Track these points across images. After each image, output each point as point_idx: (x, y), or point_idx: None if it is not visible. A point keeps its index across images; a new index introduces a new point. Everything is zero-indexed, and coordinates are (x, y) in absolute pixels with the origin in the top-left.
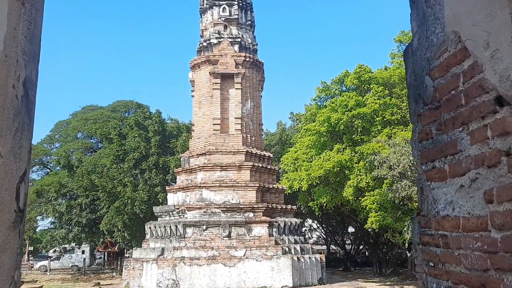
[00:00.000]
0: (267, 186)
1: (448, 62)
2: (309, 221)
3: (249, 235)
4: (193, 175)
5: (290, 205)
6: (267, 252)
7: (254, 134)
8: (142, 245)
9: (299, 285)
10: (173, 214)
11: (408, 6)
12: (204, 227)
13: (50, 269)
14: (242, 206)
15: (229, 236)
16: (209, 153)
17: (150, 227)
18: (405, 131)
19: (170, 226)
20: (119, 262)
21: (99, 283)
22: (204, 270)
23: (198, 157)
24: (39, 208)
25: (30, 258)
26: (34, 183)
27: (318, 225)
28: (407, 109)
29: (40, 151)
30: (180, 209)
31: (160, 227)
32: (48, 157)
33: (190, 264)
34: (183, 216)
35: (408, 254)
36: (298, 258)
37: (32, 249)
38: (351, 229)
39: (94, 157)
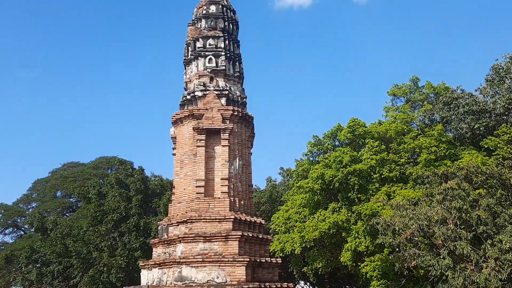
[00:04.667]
0: (258, 260)
1: None
2: (301, 283)
3: None
4: (171, 247)
5: (286, 283)
6: None
7: (243, 197)
8: None
9: None
10: None
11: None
12: None
13: None
14: (229, 287)
15: None
16: (190, 220)
17: None
18: (405, 189)
19: None
20: None
21: None
22: None
23: (178, 225)
24: (8, 276)
25: None
26: (5, 247)
27: None
28: (405, 165)
29: (15, 212)
30: None
31: None
32: (23, 218)
33: None
34: None
35: None
36: None
37: None
38: None
39: (71, 218)
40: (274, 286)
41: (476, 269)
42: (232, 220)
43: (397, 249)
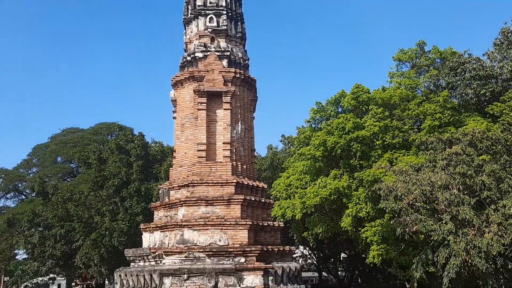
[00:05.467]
0: (261, 223)
1: None
2: (301, 247)
3: (240, 285)
4: (173, 211)
5: (288, 246)
6: None
7: (245, 161)
8: None
9: None
10: (148, 259)
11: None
12: (185, 276)
13: None
14: (232, 250)
15: (215, 287)
16: (192, 184)
17: (120, 275)
18: (408, 155)
19: (144, 275)
20: None
21: None
22: None
23: (179, 189)
24: (11, 239)
25: None
26: (7, 211)
27: (309, 252)
28: (409, 131)
29: (15, 177)
30: (156, 253)
31: (132, 275)
32: (24, 183)
33: None
34: (160, 262)
35: (407, 285)
36: None
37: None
38: (343, 255)
39: (72, 183)
40: (277, 249)
41: (478, 234)
42: (235, 184)
43: (398, 215)
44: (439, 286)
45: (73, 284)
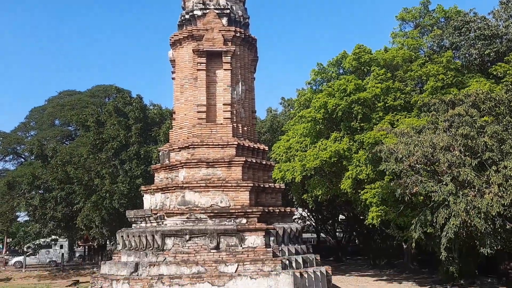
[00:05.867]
0: (262, 185)
1: None
2: (299, 210)
3: (241, 246)
4: (173, 172)
5: (289, 208)
6: (264, 267)
7: (246, 123)
8: (113, 257)
9: None
10: (149, 221)
11: None
12: (187, 237)
13: (25, 266)
14: (233, 211)
15: (217, 247)
16: (193, 146)
17: (122, 236)
18: (409, 117)
19: (146, 236)
20: (100, 257)
21: (77, 281)
22: None
23: (179, 151)
24: (12, 202)
25: (7, 253)
26: (7, 174)
27: (308, 214)
28: (411, 93)
29: (13, 140)
30: (158, 214)
31: (134, 236)
32: (23, 146)
33: (170, 284)
34: (162, 224)
35: (404, 246)
36: (300, 273)
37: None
38: (342, 217)
39: (70, 146)
40: (278, 211)
41: (479, 195)
42: (235, 146)
43: (398, 177)
44: (436, 246)
45: (75, 245)
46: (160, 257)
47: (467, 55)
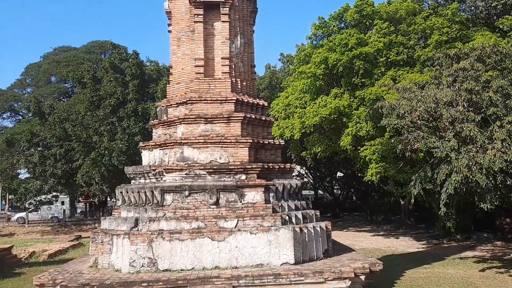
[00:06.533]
0: (261, 141)
1: None
2: (298, 167)
3: (241, 201)
4: (172, 128)
5: (289, 164)
6: (264, 223)
7: (245, 78)
8: (113, 213)
9: (302, 260)
10: (148, 177)
11: None
12: (187, 192)
13: (28, 221)
14: (232, 167)
15: (217, 203)
16: (190, 101)
17: (121, 192)
18: (412, 73)
19: (145, 192)
20: (101, 213)
21: (80, 236)
22: (187, 246)
23: (177, 106)
24: (11, 159)
25: (9, 209)
26: (5, 131)
27: (306, 171)
28: (414, 47)
29: (10, 97)
30: (157, 170)
31: (133, 192)
32: (20, 103)
33: (170, 239)
34: (161, 180)
35: (402, 202)
36: (300, 228)
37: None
38: (339, 174)
39: (68, 103)
40: (277, 167)
41: (481, 150)
42: (234, 101)
43: (399, 133)
44: (434, 202)
45: (76, 202)
46: (160, 212)
47: (473, 7)
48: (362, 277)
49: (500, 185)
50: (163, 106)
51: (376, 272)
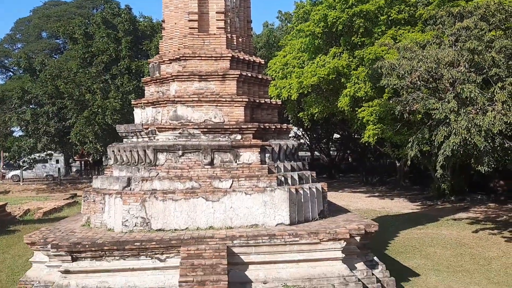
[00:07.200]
0: (258, 101)
1: None
2: (294, 128)
3: (236, 162)
4: (164, 86)
5: (286, 124)
6: (259, 183)
7: (241, 34)
8: (105, 172)
9: (297, 221)
10: (141, 135)
11: None
12: (180, 152)
13: (23, 179)
14: (228, 126)
15: (211, 163)
16: (184, 58)
17: (113, 151)
18: (413, 32)
19: (138, 151)
20: (96, 172)
21: (75, 194)
22: (181, 206)
23: (170, 63)
24: (3, 116)
25: (3, 167)
26: None
27: (302, 132)
28: (416, 5)
29: (1, 52)
30: (149, 129)
31: (125, 151)
32: (10, 59)
33: (163, 199)
34: (153, 139)
35: (397, 164)
36: (296, 189)
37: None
38: (336, 135)
39: (59, 60)
40: (274, 127)
41: (481, 112)
42: (230, 58)
43: (398, 94)
44: (430, 164)
45: (72, 160)
46: (153, 172)
47: None
48: (357, 238)
49: (498, 148)
50: (155, 63)
51: (371, 233)
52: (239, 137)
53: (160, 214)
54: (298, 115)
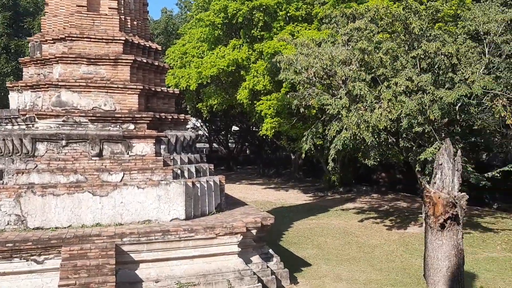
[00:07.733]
0: (153, 89)
1: None
2: (193, 119)
3: (128, 154)
4: (47, 68)
5: (183, 115)
6: (153, 177)
7: (136, 16)
8: None
9: (194, 215)
10: (17, 123)
11: None
12: (64, 142)
13: None
14: (119, 115)
15: (100, 155)
16: (70, 38)
17: None
18: (310, 29)
19: (13, 140)
20: None
21: None
22: (64, 202)
23: (54, 43)
24: None
25: None
26: None
27: (201, 124)
28: (313, 4)
29: None
30: (27, 116)
31: None
32: None
33: (43, 194)
34: (32, 127)
35: (293, 157)
36: (193, 182)
37: None
38: (235, 128)
39: None
40: (170, 117)
41: (369, 109)
42: (123, 42)
43: (295, 89)
44: (323, 158)
45: None
46: (30, 164)
47: None
48: (254, 232)
49: (383, 143)
50: (36, 42)
51: (267, 226)
52: (132, 127)
53: (38, 210)
54: (197, 106)
